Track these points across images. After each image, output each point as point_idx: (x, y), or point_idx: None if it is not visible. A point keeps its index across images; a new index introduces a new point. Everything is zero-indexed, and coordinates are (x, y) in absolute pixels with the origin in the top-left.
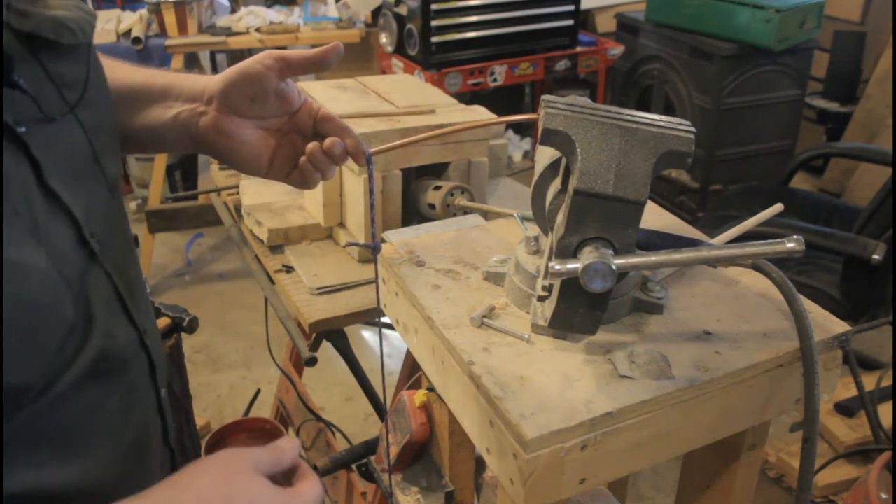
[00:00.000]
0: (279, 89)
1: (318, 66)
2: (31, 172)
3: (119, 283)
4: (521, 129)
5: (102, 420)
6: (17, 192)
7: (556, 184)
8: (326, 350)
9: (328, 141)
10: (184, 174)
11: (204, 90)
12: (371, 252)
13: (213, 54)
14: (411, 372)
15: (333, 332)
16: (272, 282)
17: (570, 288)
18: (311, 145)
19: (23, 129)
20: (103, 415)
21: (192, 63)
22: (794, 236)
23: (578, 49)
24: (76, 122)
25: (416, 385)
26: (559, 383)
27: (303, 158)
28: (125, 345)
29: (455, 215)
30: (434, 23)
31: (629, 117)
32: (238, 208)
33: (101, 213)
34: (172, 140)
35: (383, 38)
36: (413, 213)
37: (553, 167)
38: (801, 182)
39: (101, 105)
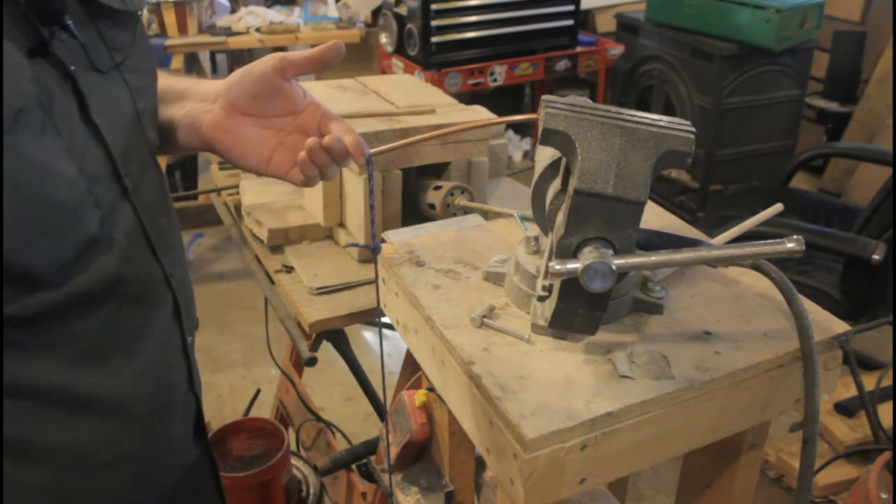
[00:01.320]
0: (282, 88)
1: (319, 65)
2: (75, 103)
3: (146, 223)
4: (521, 129)
5: (120, 338)
6: (61, 113)
7: (556, 184)
8: (326, 350)
9: (328, 137)
10: (184, 174)
11: (214, 92)
12: (371, 253)
13: (213, 54)
14: (411, 372)
15: (333, 333)
16: (272, 282)
17: (570, 288)
18: (311, 140)
19: (72, 68)
20: (122, 334)
21: (191, 63)
22: (794, 236)
23: (578, 49)
24: (122, 81)
25: (416, 385)
26: (559, 383)
27: (302, 154)
28: (147, 278)
29: (455, 215)
30: (434, 23)
31: (629, 117)
32: (238, 208)
33: (138, 163)
34: (183, 137)
35: (383, 38)
36: (413, 213)
37: (553, 167)
38: (801, 182)
39: (145, 73)
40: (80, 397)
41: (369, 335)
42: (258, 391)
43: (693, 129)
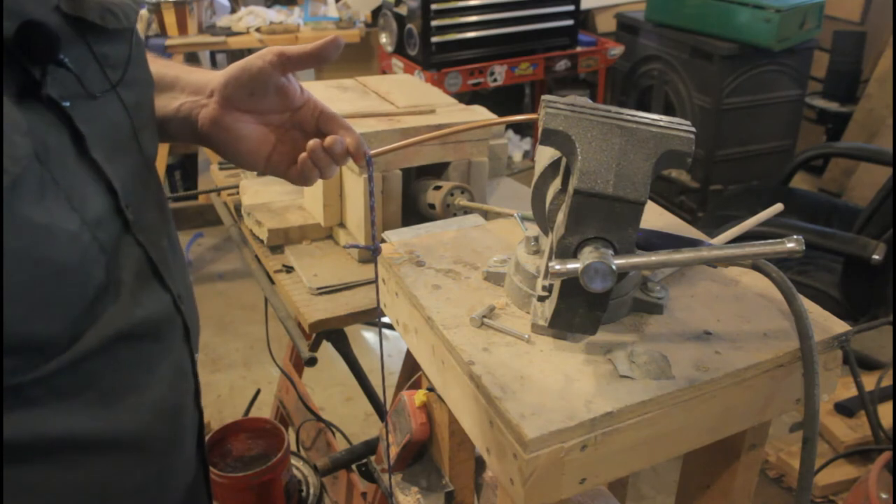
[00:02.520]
0: (280, 85)
1: (317, 60)
2: (71, 144)
3: (151, 252)
4: (521, 129)
5: (136, 378)
6: (57, 161)
7: (556, 184)
8: (326, 350)
9: (329, 139)
10: (184, 174)
11: (207, 84)
12: (371, 254)
13: (213, 54)
14: (411, 372)
15: (333, 332)
16: (272, 282)
17: (570, 288)
18: (313, 142)
19: (67, 104)
20: (136, 372)
21: (191, 63)
22: (794, 236)
23: (578, 49)
24: (118, 100)
25: (416, 385)
26: (559, 383)
27: (303, 155)
28: (157, 310)
29: (455, 215)
30: (434, 23)
31: (629, 117)
32: (238, 208)
33: (138, 186)
34: (175, 131)
35: (383, 38)
36: (413, 213)
37: (553, 167)
38: (801, 182)
39: (142, 84)
40: (96, 440)
41: (369, 335)
42: (258, 391)
43: (693, 129)
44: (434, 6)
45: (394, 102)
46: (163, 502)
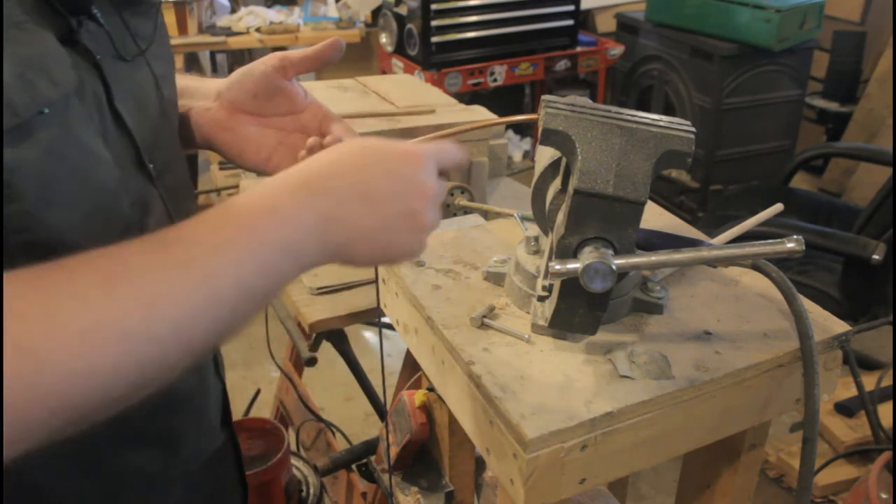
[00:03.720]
0: (283, 88)
1: (319, 63)
2: (103, 92)
3: (172, 211)
4: (521, 129)
5: None
6: (91, 101)
7: (556, 184)
8: (326, 350)
9: (329, 137)
10: None
11: (214, 89)
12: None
13: (213, 54)
14: (411, 372)
15: (333, 333)
16: None
17: (570, 288)
18: (312, 140)
19: (98, 57)
20: None
21: (191, 63)
22: (794, 236)
23: (578, 49)
24: (147, 69)
25: (416, 385)
26: (559, 383)
27: (302, 153)
28: None
29: (455, 215)
30: (434, 23)
31: (629, 117)
32: None
33: (165, 150)
34: (184, 136)
35: (383, 38)
36: None
37: (553, 167)
38: (801, 182)
39: (166, 60)
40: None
41: (369, 335)
42: (258, 391)
43: (693, 129)
44: (434, 6)
45: (394, 102)
46: (184, 457)
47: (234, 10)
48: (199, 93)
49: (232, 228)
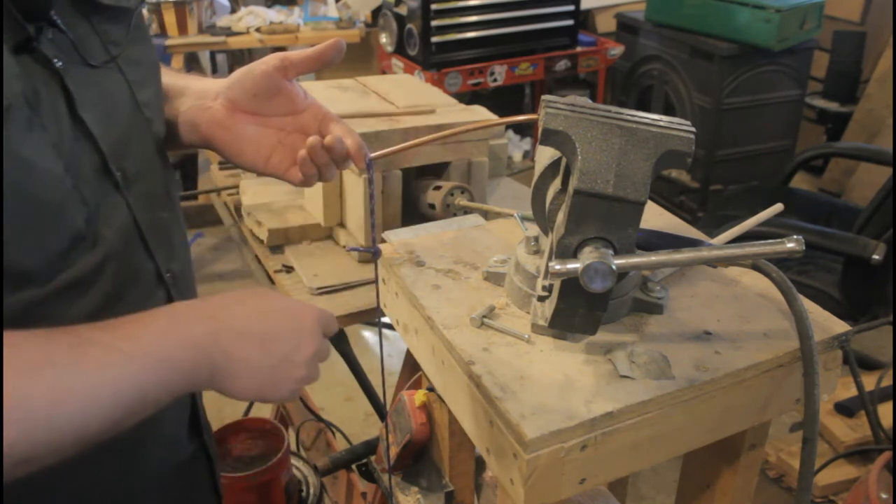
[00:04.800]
0: (283, 88)
1: (320, 64)
2: (63, 100)
3: (140, 217)
4: (521, 129)
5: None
6: (48, 110)
7: (556, 184)
8: None
9: (330, 137)
10: (184, 174)
11: (213, 88)
12: (372, 256)
13: (213, 54)
14: (411, 372)
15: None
16: (272, 282)
17: (570, 288)
18: (312, 139)
19: (59, 64)
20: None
21: (191, 63)
22: (794, 236)
23: (578, 49)
24: (119, 74)
25: (416, 385)
26: (559, 383)
27: (302, 152)
28: (135, 273)
29: (455, 215)
30: (434, 23)
31: (629, 117)
32: (238, 208)
33: (137, 158)
34: (184, 133)
35: (383, 38)
36: (413, 213)
37: (553, 167)
38: (801, 182)
39: (146, 65)
40: None
41: (369, 335)
42: None
43: (693, 129)
44: (434, 6)
45: (394, 102)
46: (146, 470)
47: (234, 10)
48: (199, 92)
49: (146, 342)
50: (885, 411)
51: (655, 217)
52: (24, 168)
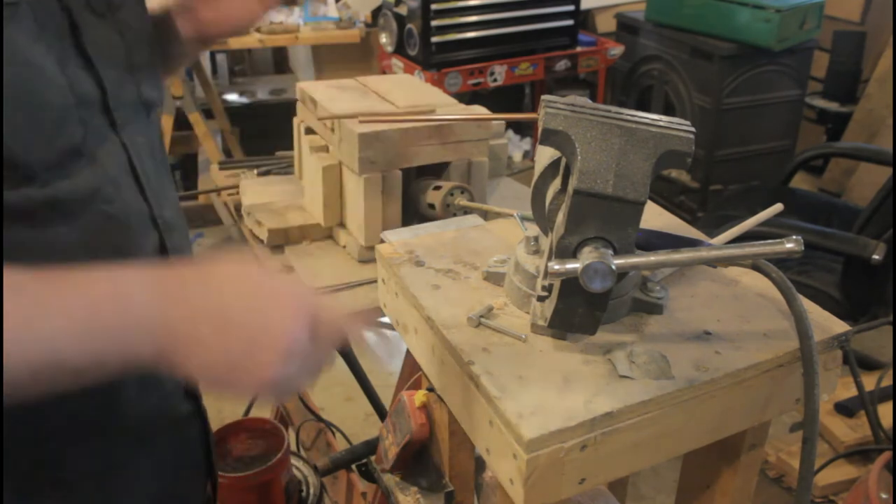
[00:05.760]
0: None
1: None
2: (69, 34)
3: (135, 161)
4: (521, 129)
5: (98, 254)
6: (55, 35)
7: (556, 184)
8: None
9: None
10: (184, 174)
11: None
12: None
13: (213, 54)
14: (411, 372)
15: None
16: None
17: (570, 288)
18: None
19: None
20: (100, 251)
21: (191, 63)
22: (794, 236)
23: (578, 49)
24: (117, 30)
25: (416, 385)
26: (559, 383)
27: None
28: (130, 209)
29: (455, 215)
30: (434, 23)
31: (629, 117)
32: (238, 208)
33: (130, 106)
34: (181, 25)
35: (383, 38)
36: (413, 213)
37: (553, 167)
38: (801, 182)
39: (141, 31)
40: None
41: (369, 335)
42: None
43: (693, 129)
44: (434, 6)
45: (394, 102)
46: (142, 415)
47: None
48: None
49: (73, 299)
50: (885, 411)
51: (655, 217)
52: (32, 68)
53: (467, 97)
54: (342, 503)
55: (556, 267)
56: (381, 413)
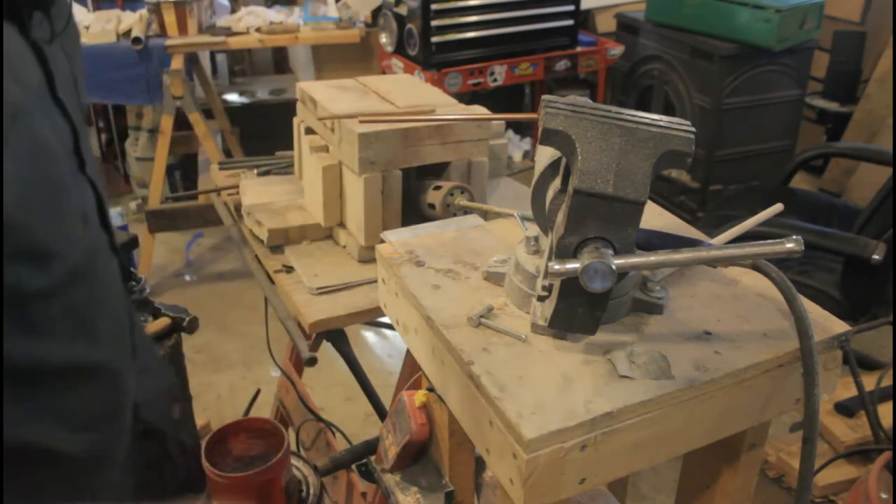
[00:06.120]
0: None
1: None
2: (45, 81)
3: (98, 193)
4: (521, 129)
5: (101, 303)
6: (42, 93)
7: (556, 184)
8: (326, 350)
9: None
10: (184, 174)
11: None
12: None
13: (213, 54)
14: (411, 372)
15: (333, 332)
16: (272, 282)
17: (570, 288)
18: None
19: (42, 46)
20: (101, 300)
21: (191, 63)
22: (794, 236)
23: (578, 49)
24: (62, 50)
25: (416, 385)
26: (559, 383)
27: None
28: (104, 246)
29: (455, 215)
30: (434, 23)
31: (629, 117)
32: (238, 208)
33: (83, 132)
34: None
35: (383, 38)
36: (413, 213)
37: (553, 167)
38: (801, 182)
39: (75, 41)
40: (77, 367)
41: (369, 335)
42: (258, 391)
43: (693, 129)
44: (434, 6)
45: (394, 102)
46: (118, 435)
47: (234, 10)
48: None
49: None
50: (885, 411)
51: (655, 217)
52: (46, 150)
53: (467, 97)
54: (342, 503)
55: (557, 267)
56: (381, 413)
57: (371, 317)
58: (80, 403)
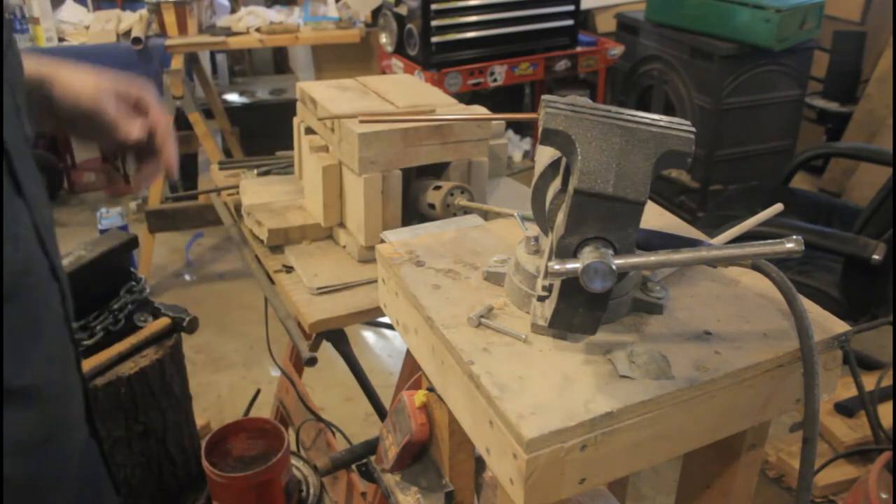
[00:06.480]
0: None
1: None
2: None
3: (36, 218)
4: (521, 129)
5: (31, 327)
6: None
7: (556, 184)
8: (326, 350)
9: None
10: (184, 174)
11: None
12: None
13: (213, 54)
14: (411, 372)
15: (333, 332)
16: (272, 282)
17: (570, 288)
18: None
19: None
20: (31, 323)
21: (191, 63)
22: (794, 236)
23: (578, 49)
24: (2, 73)
25: (416, 385)
26: (559, 383)
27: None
28: (41, 270)
29: (455, 215)
30: (434, 23)
31: (629, 117)
32: (238, 208)
33: (23, 157)
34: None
35: (383, 38)
36: (413, 213)
37: (553, 167)
38: (801, 182)
39: (17, 69)
40: (7, 389)
41: (369, 335)
42: (258, 391)
43: (693, 129)
44: (434, 6)
45: (394, 102)
46: (59, 456)
47: (234, 10)
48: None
49: None
50: (885, 411)
51: (655, 217)
52: None
53: (467, 97)
54: (342, 503)
55: (557, 267)
56: (381, 413)
57: (371, 317)
58: (10, 428)
